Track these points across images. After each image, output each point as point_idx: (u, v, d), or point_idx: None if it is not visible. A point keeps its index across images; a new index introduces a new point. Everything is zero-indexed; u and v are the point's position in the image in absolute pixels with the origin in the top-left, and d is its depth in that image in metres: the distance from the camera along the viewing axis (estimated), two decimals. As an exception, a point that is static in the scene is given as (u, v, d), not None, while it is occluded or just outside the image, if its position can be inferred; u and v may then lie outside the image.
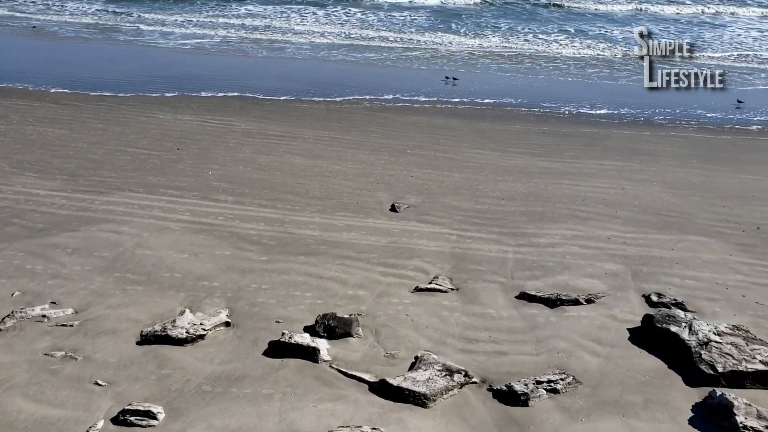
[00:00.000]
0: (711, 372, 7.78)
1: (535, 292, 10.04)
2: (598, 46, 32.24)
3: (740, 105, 22.95)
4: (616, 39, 33.77)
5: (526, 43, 32.55)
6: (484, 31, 34.76)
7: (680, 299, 9.83)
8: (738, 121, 21.30)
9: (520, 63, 28.99)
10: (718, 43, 33.89)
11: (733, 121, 21.23)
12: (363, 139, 17.61)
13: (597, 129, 19.71)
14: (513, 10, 40.73)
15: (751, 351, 8.05)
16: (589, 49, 31.45)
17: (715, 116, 21.70)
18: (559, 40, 33.02)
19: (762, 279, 10.70)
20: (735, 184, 15.19)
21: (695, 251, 11.70)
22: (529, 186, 14.77)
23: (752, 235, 12.45)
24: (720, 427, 6.96)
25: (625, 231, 12.49)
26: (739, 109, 22.59)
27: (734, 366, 7.80)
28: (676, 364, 8.17)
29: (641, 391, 7.68)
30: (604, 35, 34.52)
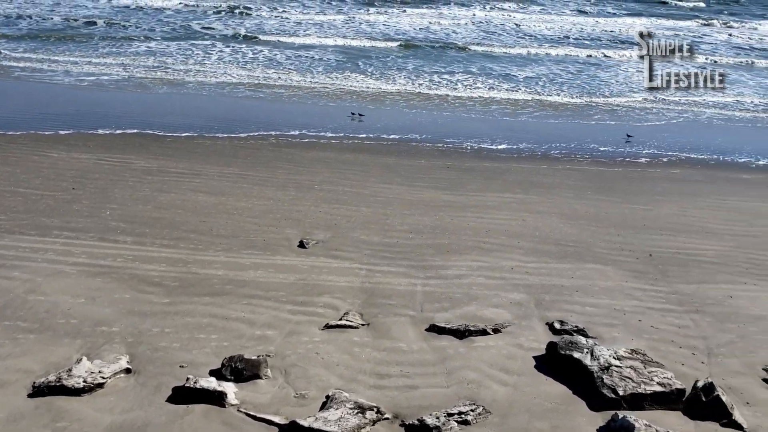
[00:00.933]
0: (613, 396, 8.07)
1: (444, 324, 10.15)
2: (501, 85, 33.50)
3: (630, 139, 24.36)
4: (518, 79, 35.28)
5: (432, 82, 33.41)
6: (391, 71, 35.42)
7: (581, 326, 10.20)
8: (628, 154, 22.57)
9: (425, 101, 29.69)
10: (613, 81, 36.04)
11: (623, 154, 22.47)
12: (269, 175, 17.43)
13: (498, 163, 20.37)
14: (421, 52, 41.94)
15: (649, 373, 8.42)
16: (492, 90, 32.62)
17: (607, 150, 22.91)
18: (462, 80, 34.08)
19: (656, 304, 11.27)
20: (627, 214, 16.02)
21: (593, 279, 12.21)
22: (435, 219, 15.01)
23: (645, 262, 13.12)
24: (623, 448, 7.20)
25: (527, 261, 12.89)
26: (629, 143, 23.95)
27: (634, 389, 8.12)
28: (580, 390, 8.43)
29: (548, 418, 7.86)
30: (506, 75, 35.99)
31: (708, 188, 18.70)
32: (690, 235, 14.75)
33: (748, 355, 9.68)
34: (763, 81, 38.93)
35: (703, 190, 18.45)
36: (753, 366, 9.36)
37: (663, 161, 21.78)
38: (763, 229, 15.31)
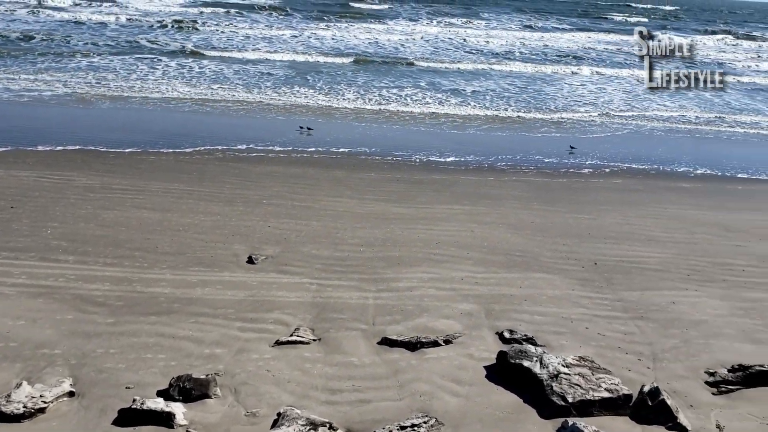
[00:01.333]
0: (562, 403, 8.18)
1: (396, 337, 10.14)
2: (449, 100, 33.92)
3: (573, 150, 24.93)
4: (466, 93, 35.81)
5: (381, 96, 33.60)
6: (340, 85, 35.53)
7: (530, 334, 10.34)
8: (572, 165, 23.07)
9: (374, 115, 29.84)
10: (559, 95, 36.94)
11: (567, 165, 22.96)
12: (216, 190, 17.19)
13: (446, 176, 20.56)
14: (370, 67, 42.26)
15: (597, 380, 8.57)
16: (441, 104, 33.00)
17: (552, 161, 23.37)
18: (412, 95, 34.41)
19: (602, 311, 11.51)
20: (572, 223, 16.35)
21: (541, 288, 12.39)
22: (386, 232, 15.03)
23: (590, 270, 13.40)
24: (573, 455, 7.29)
25: (476, 271, 13.01)
26: (572, 154, 24.51)
27: (582, 395, 8.25)
28: (531, 398, 8.52)
29: (500, 427, 7.92)
30: (454, 90, 36.49)
31: (649, 197, 19.25)
32: (633, 243, 15.14)
33: (691, 359, 9.95)
34: (702, 93, 40.48)
35: (645, 199, 18.98)
36: (696, 369, 9.62)
37: (605, 172, 22.34)
38: (702, 236, 15.82)
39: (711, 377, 9.33)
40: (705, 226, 16.66)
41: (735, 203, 19.18)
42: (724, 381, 9.19)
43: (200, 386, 8.42)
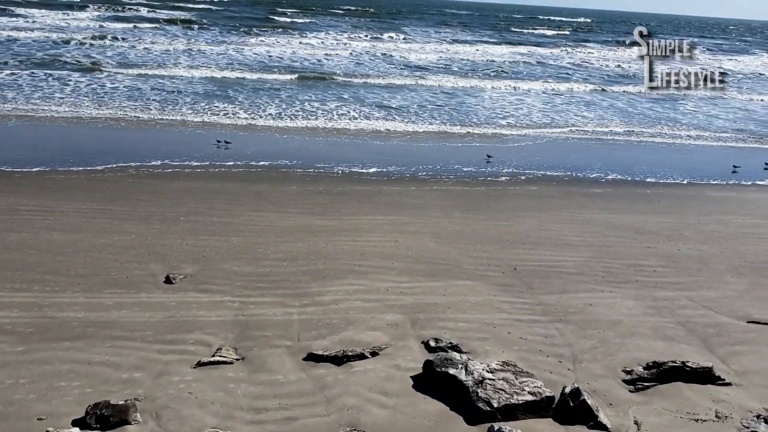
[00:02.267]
0: (488, 408, 8.29)
1: (322, 352, 10.04)
2: (372, 113, 34.10)
3: (490, 159, 25.51)
4: (390, 106, 36.16)
5: (303, 110, 33.46)
6: (262, 99, 35.22)
7: (455, 342, 10.45)
8: (489, 173, 23.59)
9: (296, 128, 29.68)
10: (480, 107, 37.86)
11: (485, 174, 23.46)
12: (130, 208, 16.60)
13: (369, 186, 20.62)
14: (294, 80, 42.09)
15: (521, 384, 8.74)
16: (366, 118, 33.11)
17: (471, 170, 23.83)
18: (335, 109, 34.40)
19: (523, 315, 11.77)
20: (492, 230, 16.68)
21: (464, 295, 12.57)
22: (309, 245, 14.90)
23: (510, 276, 13.69)
24: (500, 459, 7.39)
25: (401, 281, 13.07)
26: (489, 163, 25.07)
27: (507, 400, 8.39)
28: (458, 405, 8.60)
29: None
30: (378, 103, 36.79)
31: (564, 203, 19.89)
32: (550, 247, 15.58)
33: (609, 358, 10.30)
34: (616, 104, 42.52)
35: (560, 205, 19.59)
36: (613, 368, 9.97)
37: (522, 179, 22.96)
38: (615, 239, 16.45)
39: (628, 375, 9.68)
40: (617, 229, 17.34)
41: (644, 206, 20.06)
42: (640, 378, 9.55)
43: (119, 412, 8.07)
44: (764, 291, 13.43)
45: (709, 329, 11.50)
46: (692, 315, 12.12)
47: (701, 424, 8.48)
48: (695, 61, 77.75)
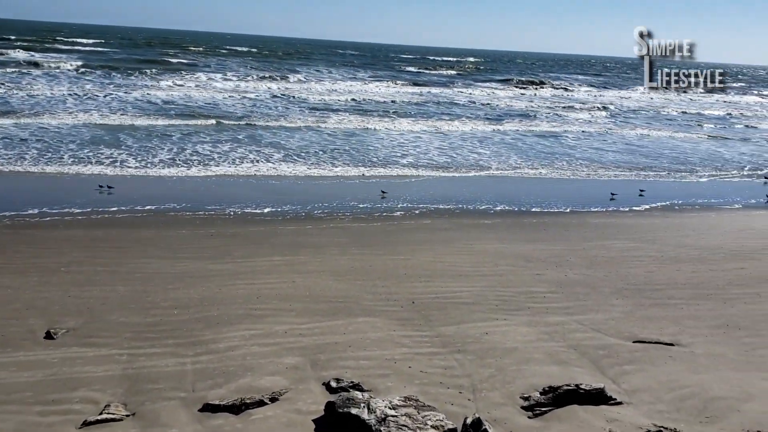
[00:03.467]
0: (392, 446, 8.18)
1: (218, 401, 9.62)
2: (268, 154, 33.84)
3: (385, 195, 25.81)
4: (287, 146, 36.07)
5: (195, 152, 32.75)
6: (152, 142, 34.26)
7: (357, 381, 10.31)
8: (385, 209, 23.84)
9: (184, 168, 28.88)
10: (379, 146, 38.60)
11: (380, 210, 23.69)
12: (5, 261, 15.47)
13: (263, 227, 20.28)
14: (186, 124, 41.14)
15: (423, 418, 8.70)
16: (262, 159, 32.76)
17: (366, 206, 24.00)
18: (228, 151, 33.88)
19: (423, 348, 11.81)
20: (390, 265, 16.78)
21: (364, 332, 12.49)
22: (202, 290, 14.39)
23: (409, 309, 13.77)
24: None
25: (300, 323, 12.83)
26: (384, 199, 25.36)
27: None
28: (361, 446, 8.43)
29: (333, 482, 7.72)
30: (275, 143, 36.64)
31: (457, 235, 20.35)
32: (446, 279, 15.83)
33: (507, 386, 10.48)
34: (506, 139, 44.40)
35: (453, 237, 20.03)
36: (512, 396, 10.14)
37: (416, 213, 23.35)
38: (506, 269, 16.94)
39: (526, 402, 9.87)
40: (508, 258, 17.89)
41: (532, 235, 20.85)
42: (538, 404, 9.76)
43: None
44: (646, 311, 14.19)
45: (599, 351, 11.97)
46: (582, 338, 12.58)
47: (597, 444, 8.75)
48: (575, 94, 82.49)
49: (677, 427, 9.17)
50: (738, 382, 10.65)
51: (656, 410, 9.75)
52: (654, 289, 15.65)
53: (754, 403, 9.93)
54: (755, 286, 16.05)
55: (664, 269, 17.39)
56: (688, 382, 10.67)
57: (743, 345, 12.38)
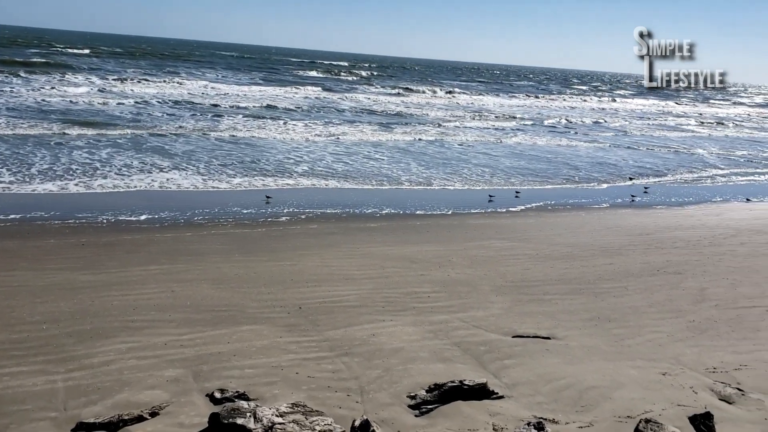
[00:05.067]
0: (279, 454, 8.02)
1: (93, 419, 9.04)
2: (149, 160, 32.41)
3: (269, 200, 25.43)
4: (171, 152, 34.69)
5: (71, 159, 30.80)
6: (24, 149, 31.91)
7: (242, 390, 10.04)
8: (270, 214, 23.48)
9: (49, 174, 27.10)
10: (272, 152, 37.84)
11: (265, 215, 23.30)
12: None
13: (139, 235, 19.39)
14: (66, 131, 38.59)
15: (311, 423, 8.60)
16: (144, 167, 31.24)
17: (250, 212, 23.52)
18: (106, 159, 32.14)
19: (310, 353, 11.69)
20: (275, 271, 16.51)
21: (250, 340, 12.19)
22: (74, 303, 13.52)
23: (296, 315, 13.60)
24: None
25: (181, 333, 12.34)
26: (269, 204, 24.98)
27: (298, 442, 8.19)
28: (248, 456, 8.21)
29: (218, 495, 7.46)
30: (158, 149, 35.15)
31: (343, 239, 20.37)
32: (333, 283, 15.79)
33: (394, 386, 10.57)
34: (400, 146, 44.85)
35: (340, 241, 20.03)
36: (399, 395, 10.23)
37: (302, 218, 23.17)
38: (392, 270, 17.13)
39: (412, 400, 9.99)
40: (393, 260, 18.11)
41: (416, 237, 21.23)
42: (424, 402, 9.91)
43: None
44: (524, 307, 14.79)
45: (481, 347, 12.33)
46: (465, 335, 12.92)
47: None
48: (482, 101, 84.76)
49: (555, 418, 9.60)
50: (609, 372, 11.31)
51: (535, 402, 10.17)
52: (530, 286, 16.35)
53: (624, 390, 10.57)
54: (622, 280, 17.15)
55: (539, 266, 18.22)
56: (564, 373, 11.20)
57: (613, 336, 13.17)
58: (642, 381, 10.94)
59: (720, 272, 18.13)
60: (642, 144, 56.47)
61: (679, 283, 16.99)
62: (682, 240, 22.29)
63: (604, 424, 9.41)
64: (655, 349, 12.48)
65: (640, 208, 29.56)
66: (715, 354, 12.28)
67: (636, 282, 16.98)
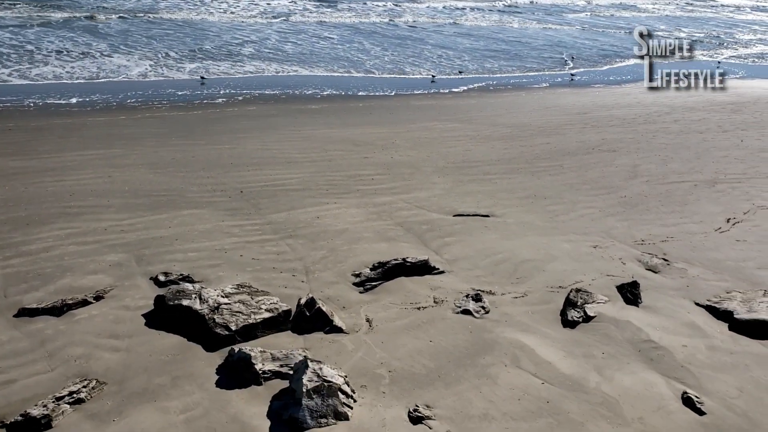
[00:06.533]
0: (226, 332, 8.23)
1: (36, 305, 9.02)
2: (87, 40, 30.40)
3: (204, 81, 24.59)
4: (102, 31, 32.49)
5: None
6: None
7: (186, 273, 10.10)
8: (206, 96, 22.77)
9: None
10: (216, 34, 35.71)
11: (201, 97, 22.59)
12: None
13: (71, 119, 18.62)
14: None
15: (257, 303, 8.79)
16: (74, 48, 29.38)
17: (186, 94, 22.75)
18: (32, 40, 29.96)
19: (253, 237, 11.75)
20: (214, 155, 16.24)
21: (192, 224, 12.14)
22: (5, 191, 13.11)
23: (237, 199, 13.54)
24: (243, 379, 7.43)
25: (121, 218, 12.18)
26: (204, 86, 24.16)
27: (245, 321, 8.40)
28: (195, 336, 8.40)
29: (167, 371, 7.67)
30: (95, 30, 32.79)
31: (283, 121, 20.04)
32: (274, 167, 15.67)
33: (339, 265, 10.80)
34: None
35: (280, 123, 19.70)
36: (344, 274, 10.48)
37: (239, 100, 22.57)
38: (335, 153, 17.07)
39: (357, 278, 10.27)
40: (336, 142, 18.00)
41: (359, 119, 21.05)
42: (368, 279, 10.20)
43: None
44: (465, 187, 15.08)
45: (423, 226, 12.62)
46: (408, 215, 13.17)
47: (423, 311, 9.38)
48: None
49: (492, 289, 10.06)
50: (543, 246, 11.80)
51: (474, 276, 10.59)
52: (471, 166, 16.60)
53: (556, 263, 11.08)
54: (559, 158, 17.56)
55: (480, 147, 18.44)
56: (501, 248, 11.63)
57: (548, 212, 13.64)
58: (574, 254, 11.48)
59: (653, 149, 18.73)
60: (595, 25, 56.16)
61: (613, 160, 17.52)
62: (617, 118, 22.78)
63: (537, 294, 9.93)
64: (588, 224, 13.03)
65: (579, 87, 29.85)
66: (643, 227, 12.91)
67: (572, 160, 17.43)
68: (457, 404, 7.16)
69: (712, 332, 8.87)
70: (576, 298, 9.42)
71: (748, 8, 77.04)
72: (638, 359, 8.15)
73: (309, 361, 7.14)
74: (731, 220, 13.34)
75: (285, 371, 7.48)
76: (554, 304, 9.56)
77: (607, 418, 7.02)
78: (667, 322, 9.12)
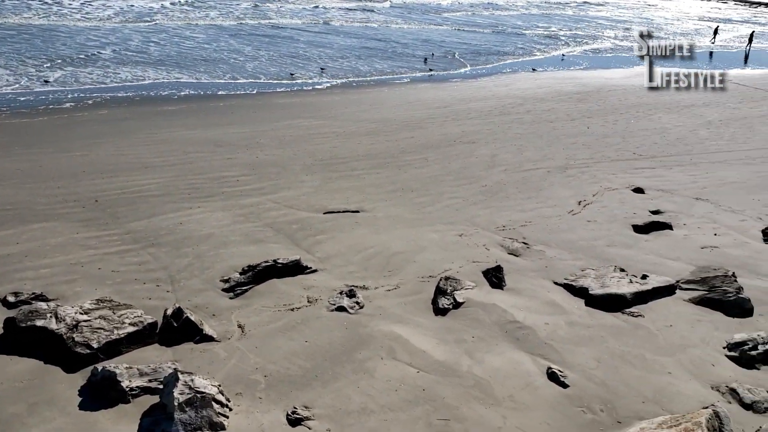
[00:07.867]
0: (88, 351, 7.71)
1: None
2: None
3: (48, 81, 22.94)
4: None
5: None
6: None
7: (39, 291, 9.35)
8: (51, 100, 21.28)
9: None
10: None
11: (45, 102, 21.08)
12: None
13: None
14: None
15: (120, 317, 8.29)
16: None
17: (28, 99, 21.12)
18: None
19: (112, 248, 11.08)
20: (64, 163, 15.18)
21: (42, 239, 11.26)
22: None
23: (92, 209, 12.72)
24: (110, 398, 6.99)
25: (-42, 238, 11.08)
26: (48, 89, 22.55)
27: (108, 337, 7.90)
28: (53, 357, 7.78)
29: (22, 399, 7.04)
30: None
31: (138, 124, 19.09)
32: (131, 173, 14.89)
33: (206, 271, 10.43)
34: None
35: (135, 127, 18.76)
36: (212, 280, 10.13)
37: (89, 104, 21.27)
38: (196, 155, 16.49)
39: (226, 284, 9.96)
40: (196, 144, 17.39)
41: (220, 119, 20.47)
42: (238, 284, 9.92)
43: None
44: (334, 184, 15.08)
45: (293, 226, 12.47)
46: (277, 216, 12.96)
47: (296, 311, 9.26)
48: None
49: (365, 284, 10.12)
50: (413, 237, 12.03)
51: (347, 272, 10.61)
52: (339, 163, 16.64)
53: (425, 253, 11.34)
54: (423, 152, 18.00)
55: (346, 143, 18.52)
56: (372, 243, 11.73)
57: (415, 204, 13.93)
58: (441, 243, 11.80)
59: (508, 139, 19.65)
60: (467, 23, 57.86)
61: (473, 151, 18.20)
62: (475, 111, 23.70)
63: (409, 285, 10.10)
64: (453, 214, 13.44)
65: (437, 82, 30.77)
66: (504, 213, 13.51)
67: (435, 153, 17.92)
68: (335, 402, 7.13)
69: (571, 309, 9.43)
70: (446, 286, 9.68)
71: (594, 5, 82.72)
72: (505, 340, 8.51)
73: (179, 373, 6.83)
74: (582, 203, 14.27)
75: (154, 386, 7.11)
76: (426, 294, 9.77)
77: (480, 399, 7.26)
78: (530, 302, 9.59)
